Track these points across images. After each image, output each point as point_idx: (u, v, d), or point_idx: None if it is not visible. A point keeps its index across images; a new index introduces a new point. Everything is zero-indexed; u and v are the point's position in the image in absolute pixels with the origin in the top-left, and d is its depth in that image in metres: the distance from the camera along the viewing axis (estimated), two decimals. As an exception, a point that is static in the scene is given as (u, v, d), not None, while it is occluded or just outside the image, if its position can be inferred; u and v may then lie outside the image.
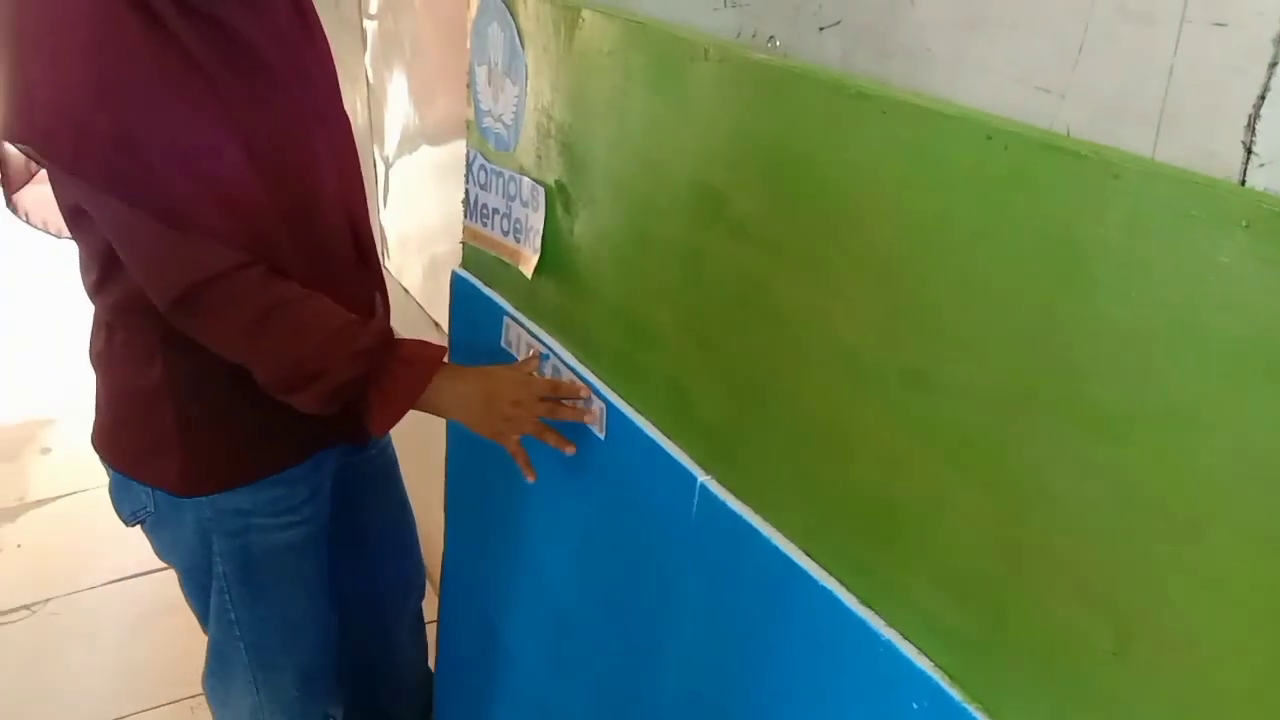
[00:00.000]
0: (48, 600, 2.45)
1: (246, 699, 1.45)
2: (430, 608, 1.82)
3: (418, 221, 2.00)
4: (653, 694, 1.11)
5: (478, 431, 1.21)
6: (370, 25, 2.00)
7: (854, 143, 0.76)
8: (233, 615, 1.37)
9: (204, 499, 1.27)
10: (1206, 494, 0.57)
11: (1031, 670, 0.69)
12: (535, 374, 1.24)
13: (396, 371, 1.17)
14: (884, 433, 0.77)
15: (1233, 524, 0.56)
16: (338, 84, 1.32)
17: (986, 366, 0.68)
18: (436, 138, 1.78)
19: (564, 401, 1.19)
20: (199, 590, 1.38)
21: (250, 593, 1.36)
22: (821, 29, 0.81)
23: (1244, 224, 0.53)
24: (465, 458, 1.54)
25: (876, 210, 0.75)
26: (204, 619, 1.41)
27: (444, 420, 1.48)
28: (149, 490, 1.28)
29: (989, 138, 0.66)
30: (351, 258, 1.31)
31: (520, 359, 1.29)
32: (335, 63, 1.33)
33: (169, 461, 1.26)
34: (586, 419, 1.15)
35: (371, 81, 2.07)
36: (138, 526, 1.35)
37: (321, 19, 1.31)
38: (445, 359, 1.21)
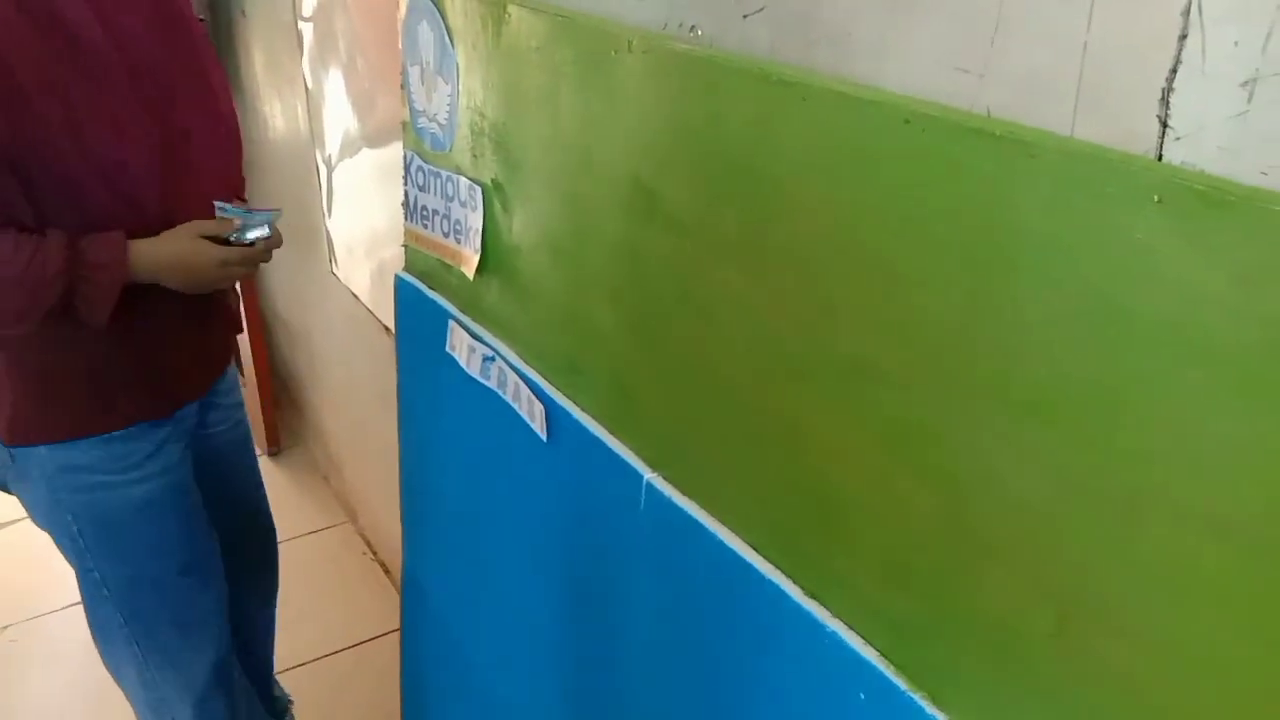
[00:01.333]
0: (6, 627, 2.40)
1: (130, 660, 1.50)
2: (393, 616, 1.80)
3: (363, 226, 1.97)
4: (609, 690, 1.10)
5: (192, 292, 1.34)
6: (306, 28, 1.97)
7: (778, 132, 0.75)
8: (97, 575, 1.43)
9: (43, 452, 1.34)
10: (1136, 474, 0.56)
11: (975, 656, 0.69)
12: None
13: (94, 277, 1.24)
14: (822, 424, 0.77)
15: (1164, 504, 0.56)
16: (205, 83, 1.40)
17: (918, 354, 0.68)
18: (377, 140, 1.76)
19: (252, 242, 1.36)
20: (68, 552, 1.44)
21: (112, 551, 1.42)
22: (745, 16, 0.80)
23: (1156, 199, 0.52)
24: (418, 467, 1.53)
25: (803, 200, 0.74)
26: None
27: (396, 435, 1.49)
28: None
29: (907, 121, 0.65)
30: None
31: (453, 351, 1.28)
32: (210, 66, 1.42)
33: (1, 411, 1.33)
34: (536, 424, 1.14)
35: (310, 85, 2.03)
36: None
37: (257, 22, 1.30)
38: (127, 249, 1.27)
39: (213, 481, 1.60)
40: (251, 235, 1.37)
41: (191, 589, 1.51)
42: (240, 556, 1.69)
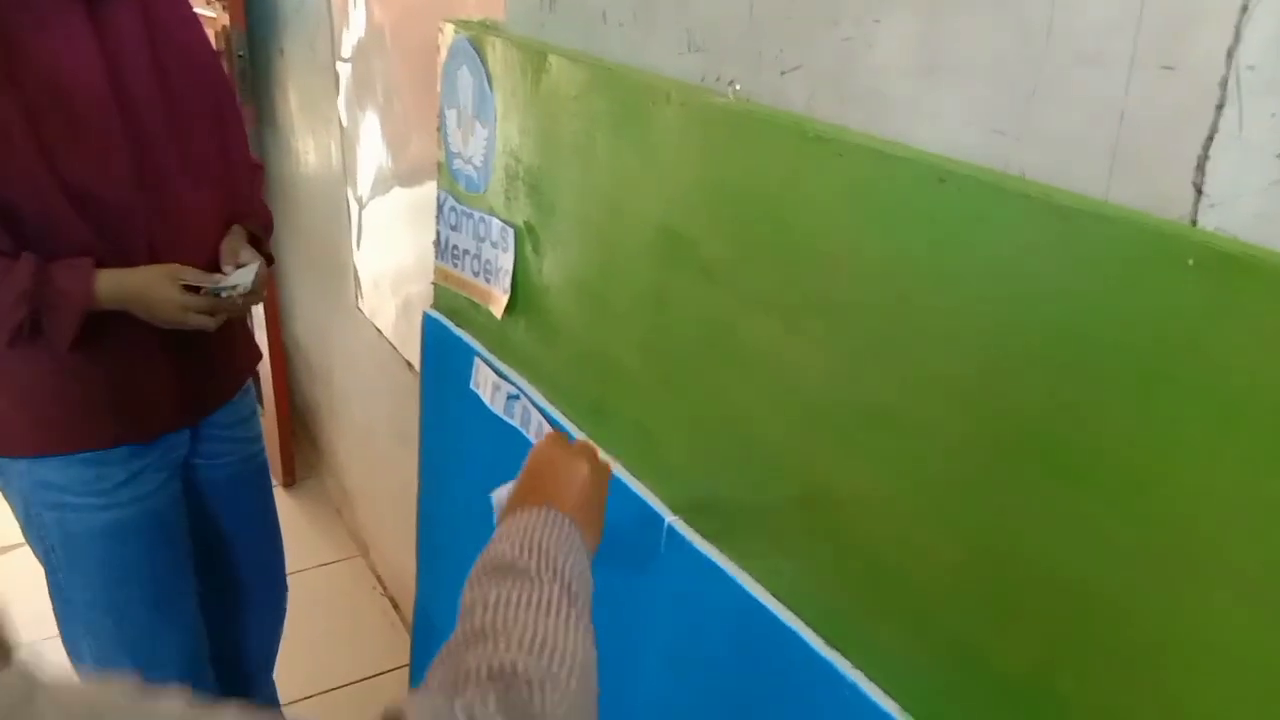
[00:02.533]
0: (21, 645, 2.40)
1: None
2: (401, 652, 1.79)
3: (391, 262, 2.00)
4: (623, 740, 1.10)
5: (158, 325, 1.35)
6: (344, 68, 2.01)
7: (813, 186, 0.77)
8: (65, 591, 1.46)
9: (23, 465, 1.38)
10: (1168, 537, 0.57)
11: (996, 714, 0.68)
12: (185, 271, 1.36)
13: (59, 301, 1.28)
14: (847, 475, 0.77)
15: (1196, 567, 0.56)
16: (208, 120, 1.42)
17: (945, 410, 0.68)
18: (409, 179, 1.79)
19: (222, 295, 1.38)
20: (42, 563, 1.47)
21: (77, 571, 1.45)
22: (783, 73, 0.81)
23: (1190, 262, 0.53)
24: (436, 504, 1.53)
25: (835, 252, 0.75)
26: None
27: (416, 466, 1.49)
28: None
29: (941, 180, 0.66)
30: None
31: (477, 388, 1.29)
32: (223, 102, 1.46)
33: None
34: None
35: (344, 124, 2.07)
36: None
37: (294, 61, 1.33)
38: (93, 276, 1.29)
39: (213, 515, 1.60)
40: (225, 287, 1.40)
41: (154, 624, 1.51)
42: (243, 594, 1.68)
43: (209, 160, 1.44)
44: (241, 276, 1.41)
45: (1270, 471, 0.52)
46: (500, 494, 0.95)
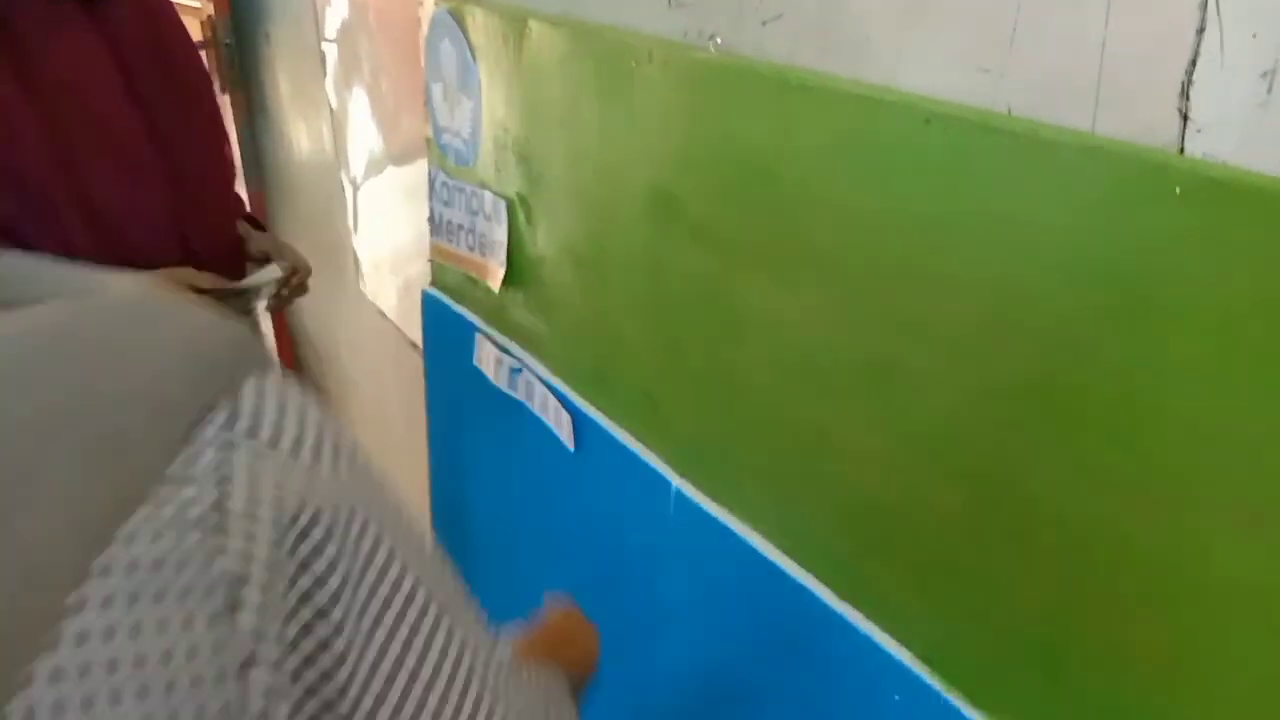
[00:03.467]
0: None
1: None
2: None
3: (389, 243, 1.99)
4: (641, 695, 1.10)
5: None
6: (329, 49, 1.99)
7: (799, 136, 0.76)
8: None
9: None
10: (1164, 466, 0.56)
11: (1009, 654, 0.68)
12: None
13: None
14: (848, 427, 0.77)
15: (1194, 496, 0.55)
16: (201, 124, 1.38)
17: (941, 354, 0.68)
18: (402, 158, 1.78)
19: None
20: None
21: None
22: (764, 23, 0.80)
23: (1177, 191, 0.52)
24: (448, 481, 1.54)
25: (825, 203, 0.75)
26: None
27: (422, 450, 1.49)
28: None
29: (928, 121, 0.65)
30: None
31: (480, 364, 1.29)
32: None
33: None
34: (563, 434, 1.15)
35: (334, 106, 2.06)
36: None
37: (281, 46, 1.32)
38: None
39: None
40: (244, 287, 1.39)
41: None
42: None
43: (211, 156, 1.43)
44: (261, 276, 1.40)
45: (1264, 397, 0.51)
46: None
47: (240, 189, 1.57)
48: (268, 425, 0.40)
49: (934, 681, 0.73)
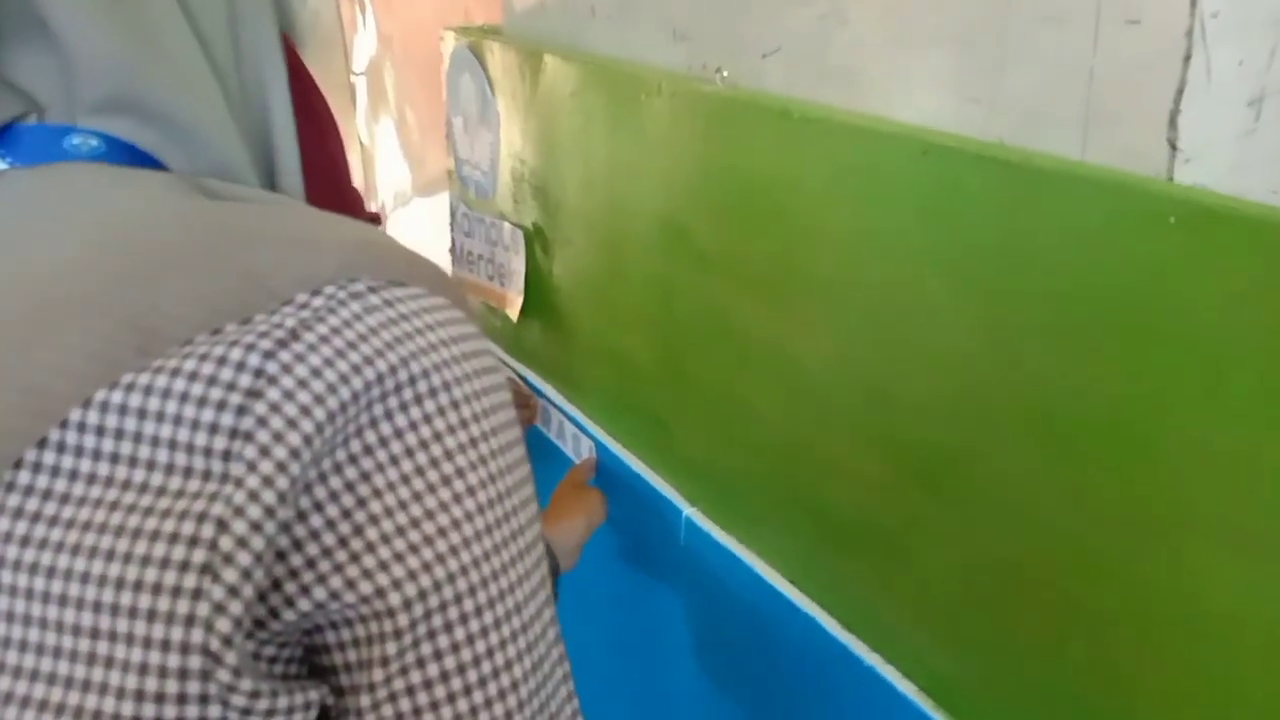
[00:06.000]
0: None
1: None
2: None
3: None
4: (657, 732, 1.10)
5: None
6: (359, 81, 2.04)
7: (799, 167, 0.76)
8: None
9: None
10: (1163, 494, 0.56)
11: (1014, 688, 0.67)
12: None
13: None
14: (848, 455, 0.77)
15: (1192, 522, 0.55)
16: None
17: (940, 383, 0.68)
18: (428, 190, 1.81)
19: None
20: None
21: None
22: (764, 56, 0.81)
23: (1171, 220, 0.52)
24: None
25: (825, 232, 0.75)
26: None
27: None
28: None
29: (925, 153, 0.65)
30: None
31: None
32: None
33: None
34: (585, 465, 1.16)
35: (364, 139, 2.10)
36: None
37: (315, 78, 1.34)
38: None
39: None
40: None
41: None
42: None
43: None
44: None
45: (1258, 426, 0.50)
46: None
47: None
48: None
49: (938, 715, 0.72)
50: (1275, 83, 0.49)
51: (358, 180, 2.26)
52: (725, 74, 0.86)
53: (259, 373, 0.37)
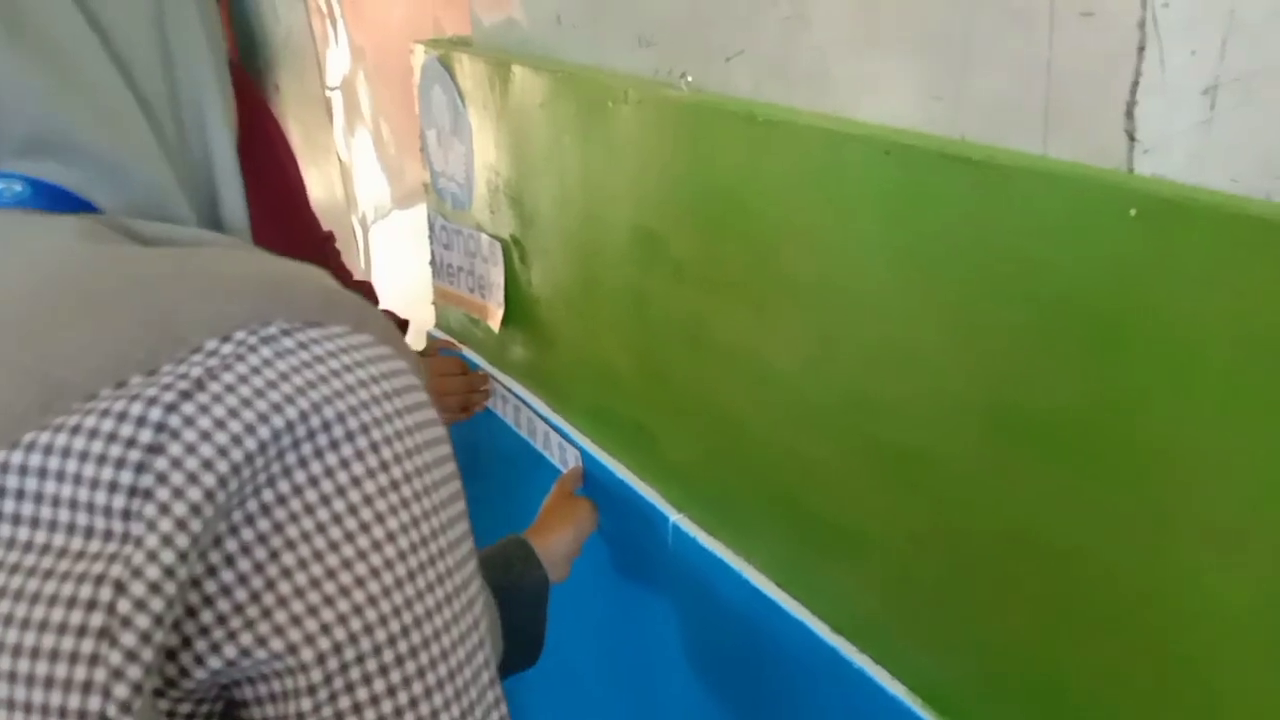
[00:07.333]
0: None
1: None
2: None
3: (398, 285, 2.01)
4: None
5: None
6: (334, 96, 2.03)
7: (767, 170, 0.76)
8: None
9: None
10: (1136, 487, 0.56)
11: (1003, 687, 0.67)
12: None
13: None
14: (827, 457, 0.77)
15: (1168, 516, 0.55)
16: None
17: (912, 383, 0.67)
18: (405, 202, 1.80)
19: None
20: None
21: None
22: (728, 59, 0.81)
23: (1132, 212, 0.52)
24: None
25: (795, 236, 0.75)
26: None
27: None
28: None
29: (887, 152, 0.65)
30: None
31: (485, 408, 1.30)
32: None
33: None
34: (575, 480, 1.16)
35: (341, 153, 2.09)
36: None
37: (290, 96, 1.34)
38: None
39: None
40: None
41: None
42: None
43: None
44: None
45: (1229, 417, 0.50)
46: None
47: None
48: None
49: (927, 715, 0.72)
50: (1229, 71, 0.49)
51: (337, 195, 2.25)
52: (690, 79, 0.86)
53: (160, 427, 0.36)
